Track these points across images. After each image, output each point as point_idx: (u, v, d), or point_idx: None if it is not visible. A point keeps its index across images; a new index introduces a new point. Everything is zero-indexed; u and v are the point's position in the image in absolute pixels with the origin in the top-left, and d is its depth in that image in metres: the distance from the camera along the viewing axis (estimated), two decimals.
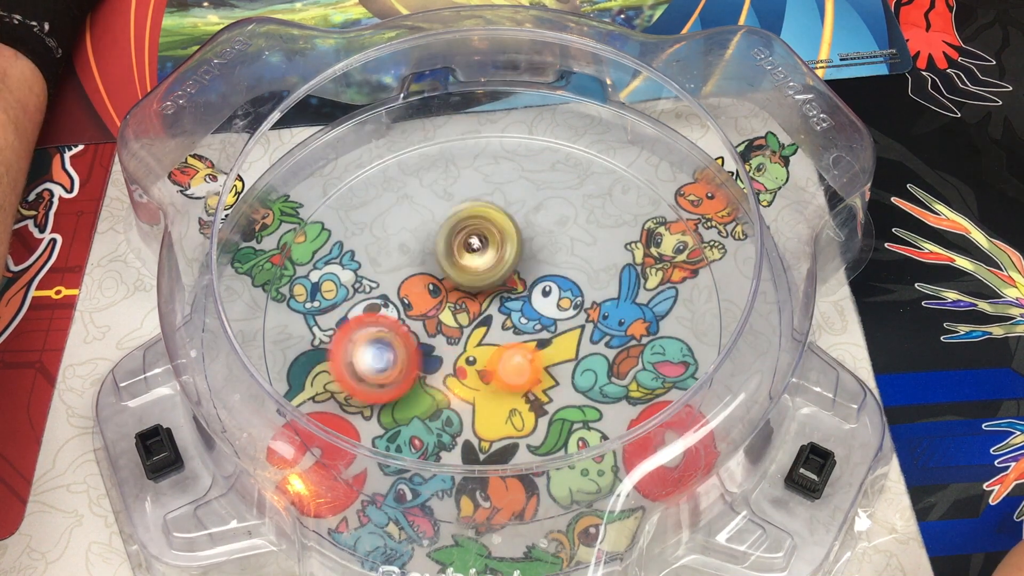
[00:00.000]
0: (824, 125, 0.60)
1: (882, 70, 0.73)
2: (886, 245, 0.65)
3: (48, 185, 0.70)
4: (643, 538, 0.51)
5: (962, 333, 0.61)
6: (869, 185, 0.59)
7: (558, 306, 0.62)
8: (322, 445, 0.55)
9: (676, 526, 0.52)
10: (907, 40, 0.74)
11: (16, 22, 0.69)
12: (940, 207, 0.66)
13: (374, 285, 0.63)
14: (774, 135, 0.68)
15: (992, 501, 0.56)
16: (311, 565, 0.53)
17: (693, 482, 0.52)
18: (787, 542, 0.52)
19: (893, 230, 0.65)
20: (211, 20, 0.78)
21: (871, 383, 0.59)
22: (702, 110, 0.62)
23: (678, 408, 0.51)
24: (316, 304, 0.63)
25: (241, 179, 0.66)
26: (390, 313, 0.62)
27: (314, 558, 0.53)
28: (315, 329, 0.62)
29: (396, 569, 0.53)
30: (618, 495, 0.53)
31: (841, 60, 0.73)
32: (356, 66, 0.65)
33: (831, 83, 0.63)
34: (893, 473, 0.57)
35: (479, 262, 0.61)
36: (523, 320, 0.62)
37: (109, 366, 0.60)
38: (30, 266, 0.66)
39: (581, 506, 0.55)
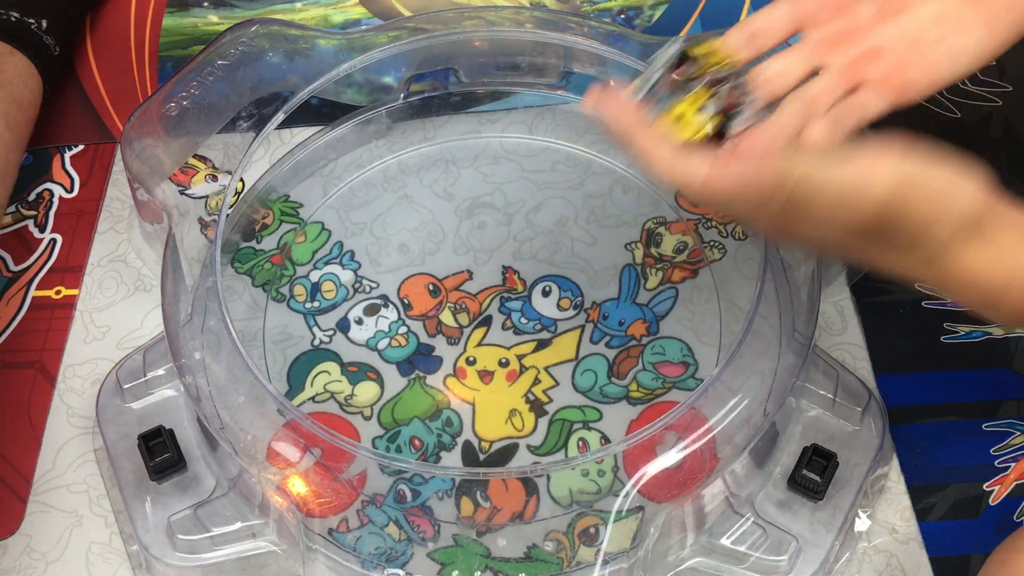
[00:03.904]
0: None
1: None
2: None
3: (48, 185, 0.69)
4: (649, 539, 0.51)
5: (962, 333, 0.61)
6: None
7: (558, 306, 0.62)
8: (322, 445, 0.55)
9: (681, 528, 0.52)
10: None
11: (13, 19, 0.69)
12: None
13: (374, 285, 0.63)
14: None
15: (992, 501, 0.56)
16: (313, 565, 0.53)
17: (698, 485, 0.52)
18: (792, 545, 0.52)
19: None
20: (211, 20, 0.78)
21: (871, 383, 0.59)
22: None
23: (682, 411, 0.51)
24: (316, 304, 0.63)
25: (241, 179, 0.66)
26: (390, 313, 0.62)
27: (316, 559, 0.53)
28: (315, 329, 0.62)
29: (400, 572, 0.53)
30: (619, 496, 0.53)
31: None
32: (360, 67, 0.65)
33: None
34: (893, 473, 0.57)
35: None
36: (523, 320, 0.62)
37: (109, 366, 0.60)
38: (30, 266, 0.66)
39: (581, 506, 0.55)
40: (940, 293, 0.47)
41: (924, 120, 0.70)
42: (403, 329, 0.62)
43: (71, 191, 0.69)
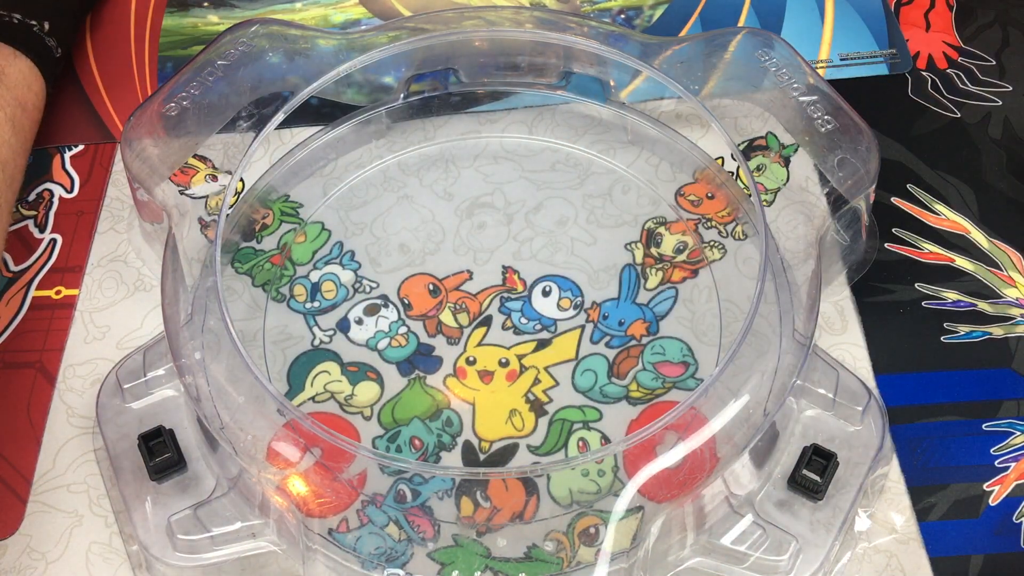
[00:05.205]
0: (828, 127, 0.60)
1: (882, 70, 0.73)
2: (886, 245, 0.65)
3: (48, 185, 0.70)
4: (649, 539, 0.51)
5: (962, 333, 0.61)
6: (874, 187, 0.59)
7: (558, 306, 0.62)
8: (322, 445, 0.55)
9: (681, 528, 0.52)
10: (907, 40, 0.74)
11: (16, 21, 0.69)
12: (940, 207, 0.66)
13: (374, 285, 0.63)
14: (774, 135, 0.68)
15: (992, 502, 0.56)
16: (314, 565, 0.53)
17: (698, 485, 0.52)
18: (792, 545, 0.52)
19: (893, 230, 0.65)
20: (211, 20, 0.78)
21: (871, 383, 0.59)
22: (706, 111, 0.62)
23: (682, 411, 0.51)
24: (316, 304, 0.63)
25: (241, 179, 0.66)
26: (390, 313, 0.62)
27: (316, 559, 0.53)
28: (315, 329, 0.62)
29: (400, 572, 0.53)
30: (619, 496, 0.53)
31: (841, 60, 0.74)
32: (360, 67, 0.65)
33: (831, 83, 0.63)
34: (893, 473, 0.57)
35: None
36: (523, 320, 0.62)
37: (109, 366, 0.60)
38: (30, 266, 0.66)
39: (581, 506, 0.55)
40: None
41: (924, 120, 0.70)
42: (403, 329, 0.62)
43: (71, 191, 0.69)
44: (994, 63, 0.73)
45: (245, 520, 0.53)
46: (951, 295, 0.63)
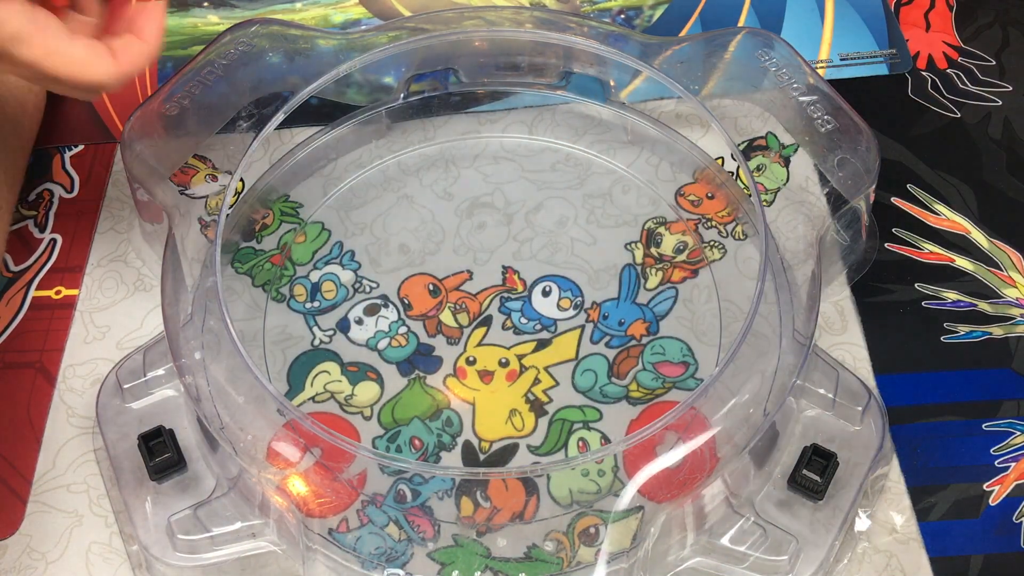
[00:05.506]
0: (828, 127, 0.60)
1: (882, 70, 0.73)
2: (886, 245, 0.65)
3: (48, 185, 0.70)
4: (649, 539, 0.51)
5: (962, 333, 0.61)
6: (873, 187, 0.59)
7: (558, 306, 0.62)
8: (322, 445, 0.55)
9: (681, 528, 0.52)
10: (907, 40, 0.74)
11: None
12: (940, 207, 0.66)
13: (374, 285, 0.63)
14: (774, 135, 0.68)
15: (992, 502, 0.56)
16: (313, 565, 0.53)
17: (698, 485, 0.52)
18: (792, 545, 0.52)
19: (893, 230, 0.65)
20: (211, 20, 0.78)
21: (871, 383, 0.59)
22: (705, 111, 0.62)
23: (682, 411, 0.51)
24: (316, 304, 0.63)
25: (241, 179, 0.66)
26: (390, 313, 0.62)
27: (316, 559, 0.53)
28: (315, 329, 0.62)
29: (400, 572, 0.53)
30: (619, 496, 0.53)
31: (841, 60, 0.74)
32: (359, 67, 0.65)
33: (831, 83, 0.63)
34: (893, 473, 0.57)
35: None
36: (523, 320, 0.62)
37: (109, 366, 0.60)
38: (30, 266, 0.66)
39: (581, 506, 0.55)
40: None
41: (924, 120, 0.70)
42: (403, 329, 0.62)
43: (71, 191, 0.69)
44: (994, 63, 0.73)
45: (245, 520, 0.53)
46: (951, 295, 0.63)
